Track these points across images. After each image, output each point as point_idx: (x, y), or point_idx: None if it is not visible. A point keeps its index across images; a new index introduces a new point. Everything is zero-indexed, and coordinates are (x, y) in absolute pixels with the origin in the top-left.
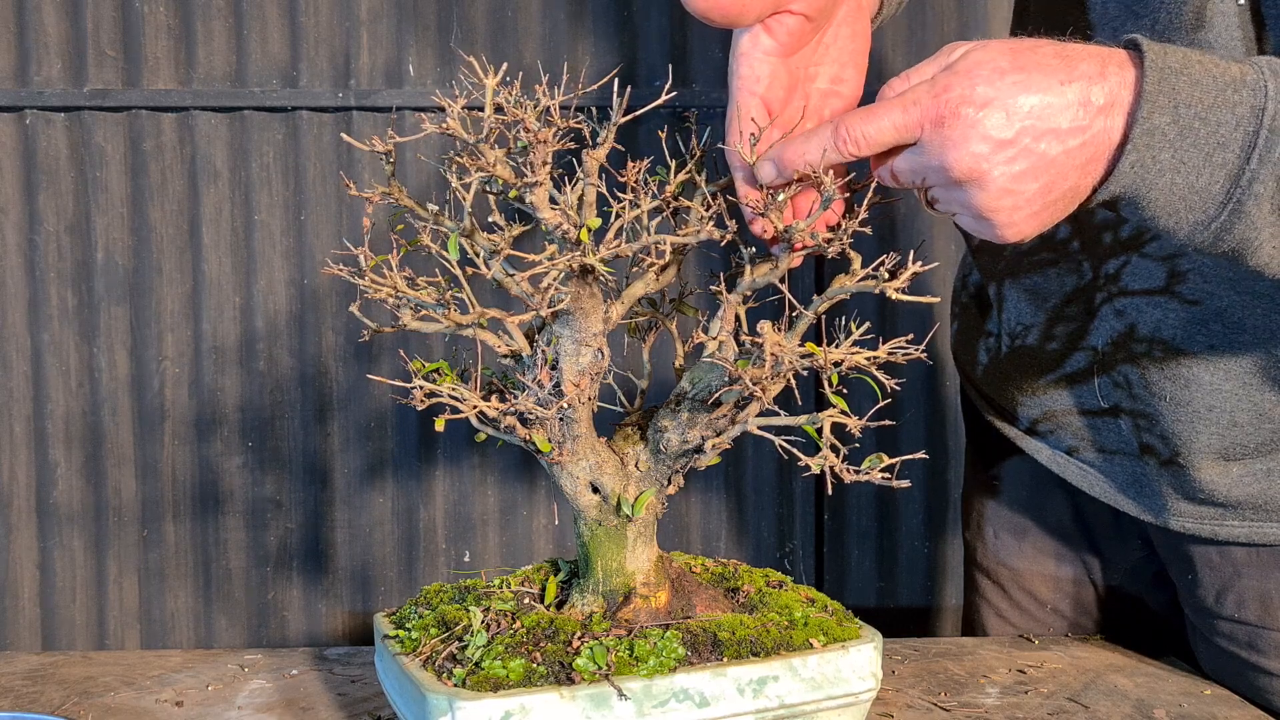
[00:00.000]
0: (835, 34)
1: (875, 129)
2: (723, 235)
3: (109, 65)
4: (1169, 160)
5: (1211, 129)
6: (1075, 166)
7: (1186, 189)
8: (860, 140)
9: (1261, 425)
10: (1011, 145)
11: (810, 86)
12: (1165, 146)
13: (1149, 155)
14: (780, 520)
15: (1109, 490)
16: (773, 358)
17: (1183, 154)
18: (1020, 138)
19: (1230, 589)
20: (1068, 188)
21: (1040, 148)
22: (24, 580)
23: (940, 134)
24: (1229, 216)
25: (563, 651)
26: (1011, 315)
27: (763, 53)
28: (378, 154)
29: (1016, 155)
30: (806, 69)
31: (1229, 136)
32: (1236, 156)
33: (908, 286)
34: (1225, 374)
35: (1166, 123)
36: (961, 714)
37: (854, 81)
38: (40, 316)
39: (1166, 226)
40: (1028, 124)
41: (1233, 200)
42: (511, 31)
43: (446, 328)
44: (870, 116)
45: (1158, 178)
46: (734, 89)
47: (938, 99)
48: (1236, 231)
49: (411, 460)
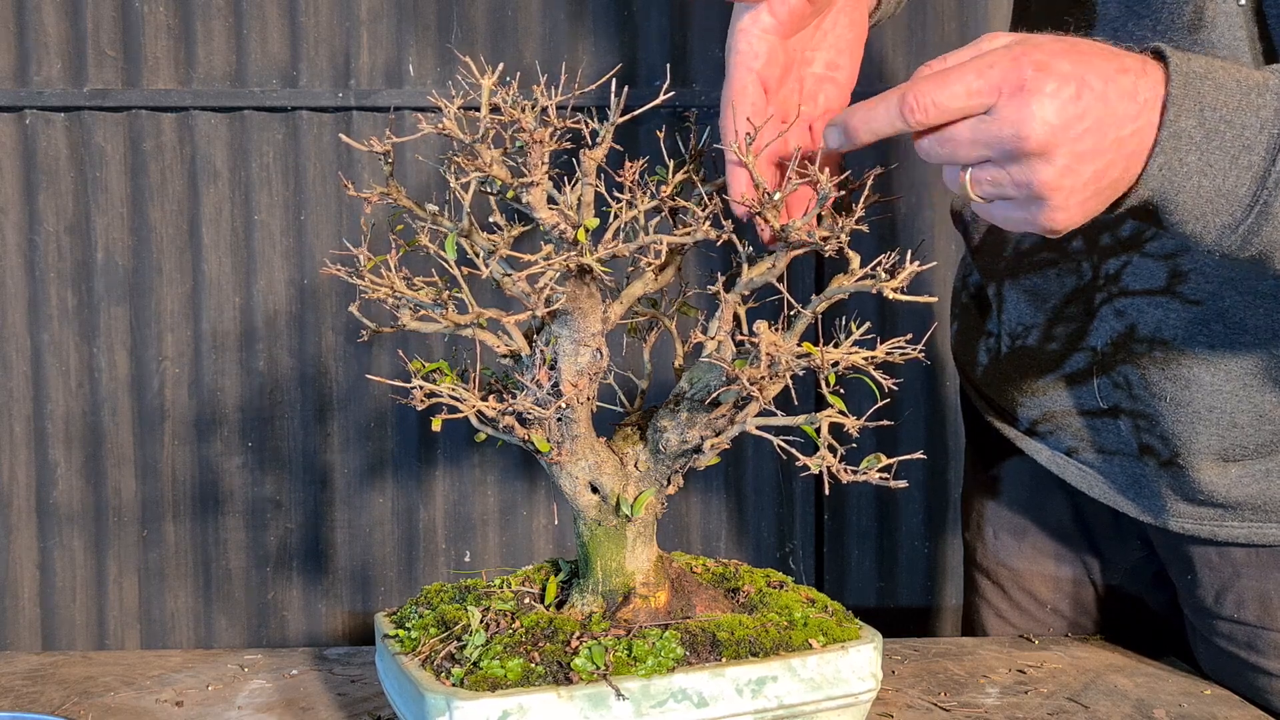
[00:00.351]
0: (834, 21)
1: (948, 94)
2: (718, 235)
3: (109, 65)
4: (1195, 163)
5: (1237, 132)
6: (1124, 156)
7: (1213, 192)
8: (930, 107)
9: (1262, 426)
10: (1082, 121)
11: (805, 70)
12: (1192, 149)
13: (1175, 158)
14: (780, 520)
15: (1108, 491)
16: (768, 357)
17: (1209, 157)
18: (1089, 114)
19: (1230, 589)
20: (1115, 177)
21: (1103, 129)
22: (24, 580)
23: (1018, 100)
24: (1256, 219)
25: (561, 651)
26: (1011, 316)
27: (761, 30)
28: (376, 155)
29: (1084, 133)
30: (803, 53)
31: (1254, 139)
32: (1262, 159)
33: (906, 286)
34: (1226, 375)
35: (1193, 126)
36: (961, 714)
37: (849, 70)
38: (40, 316)
39: (1194, 231)
40: (1095, 104)
41: (1259, 203)
42: (511, 31)
43: (445, 328)
44: (943, 82)
45: (1185, 180)
46: (731, 65)
47: (1018, 64)
48: (1264, 234)
49: (411, 460)
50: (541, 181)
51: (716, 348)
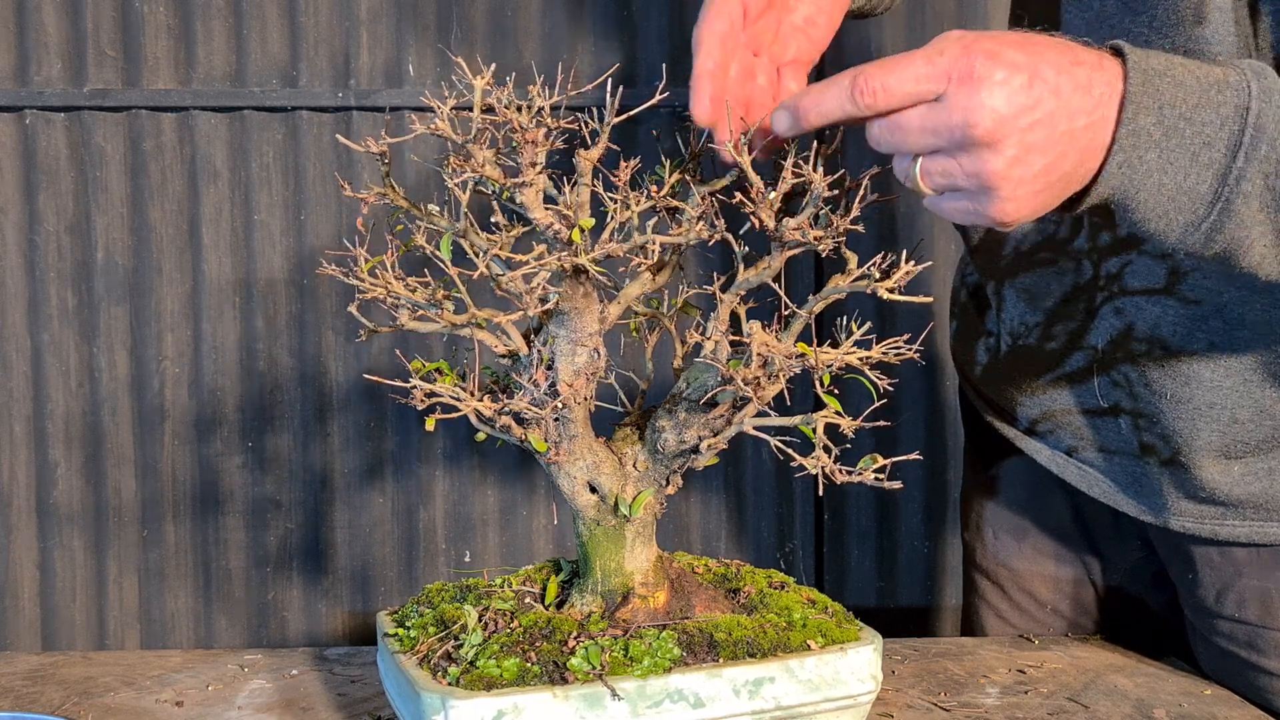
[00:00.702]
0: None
1: (896, 79)
2: (711, 235)
3: (109, 65)
4: (1155, 160)
5: (1197, 129)
6: (1077, 149)
7: (1175, 189)
8: (878, 91)
9: (1263, 422)
10: (1032, 111)
11: (785, 16)
12: (1151, 147)
13: (1135, 156)
14: (780, 520)
15: (1109, 490)
16: (760, 357)
17: (1169, 154)
18: (1040, 105)
19: (1231, 589)
20: (1066, 170)
21: (1054, 121)
22: (24, 580)
23: (966, 89)
24: (1219, 216)
25: (558, 651)
26: (1010, 315)
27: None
28: (373, 155)
29: (1034, 124)
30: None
31: (1214, 136)
32: (1223, 155)
33: (902, 286)
34: (1225, 371)
35: (1151, 123)
36: (961, 714)
37: (824, 29)
38: (40, 316)
39: (1158, 230)
40: (1047, 96)
41: (1221, 199)
42: (511, 31)
43: (443, 328)
44: (891, 67)
45: (1145, 179)
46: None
47: (968, 52)
48: (1227, 231)
49: (411, 460)
50: (535, 181)
51: (713, 348)
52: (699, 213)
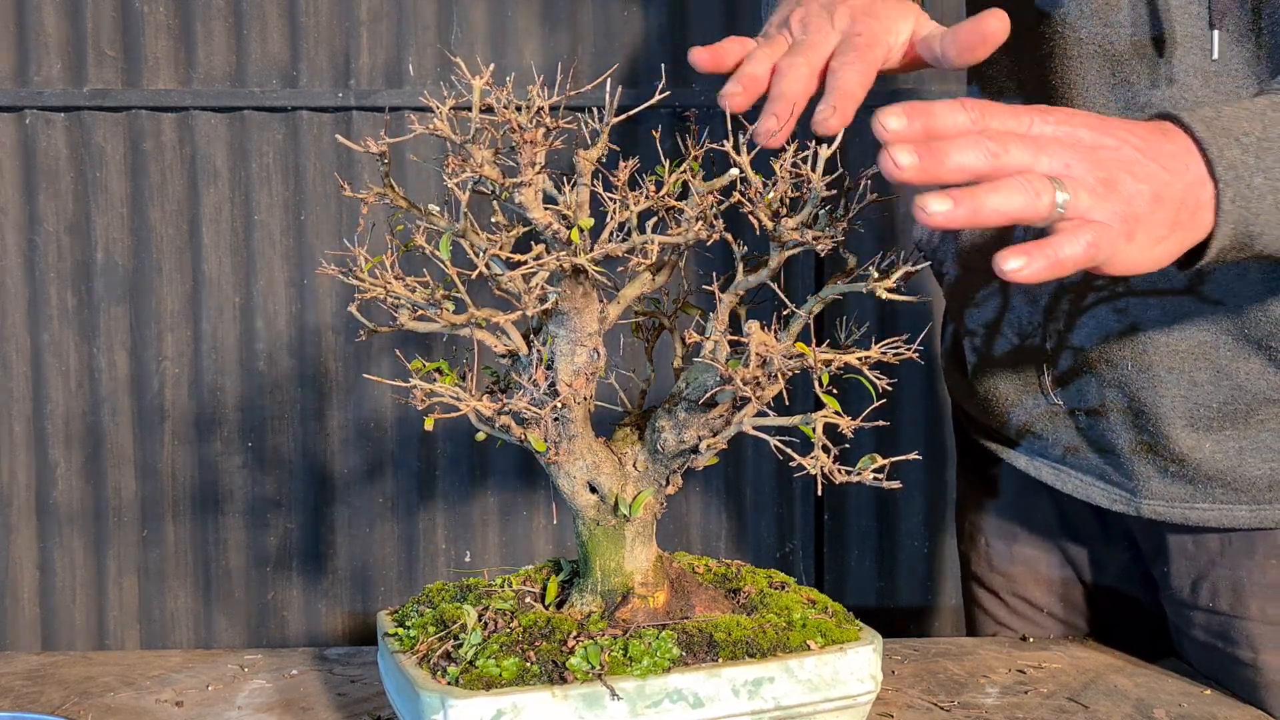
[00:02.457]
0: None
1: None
2: (709, 235)
3: (109, 65)
4: (1263, 183)
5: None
6: (1188, 208)
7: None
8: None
9: (1220, 382)
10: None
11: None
12: (1253, 172)
13: (1240, 185)
14: (780, 520)
15: (1082, 483)
16: (759, 357)
17: (1272, 172)
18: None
19: (1204, 579)
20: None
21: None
22: (24, 580)
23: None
24: None
25: (557, 651)
26: (975, 331)
27: None
28: (373, 155)
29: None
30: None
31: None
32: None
33: (902, 287)
34: (1181, 334)
35: (1238, 154)
36: (961, 714)
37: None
38: (40, 317)
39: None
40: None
41: None
42: (511, 32)
43: (442, 328)
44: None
45: (1259, 203)
46: None
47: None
48: None
49: (411, 460)
50: (535, 182)
51: (713, 348)
52: (698, 213)
